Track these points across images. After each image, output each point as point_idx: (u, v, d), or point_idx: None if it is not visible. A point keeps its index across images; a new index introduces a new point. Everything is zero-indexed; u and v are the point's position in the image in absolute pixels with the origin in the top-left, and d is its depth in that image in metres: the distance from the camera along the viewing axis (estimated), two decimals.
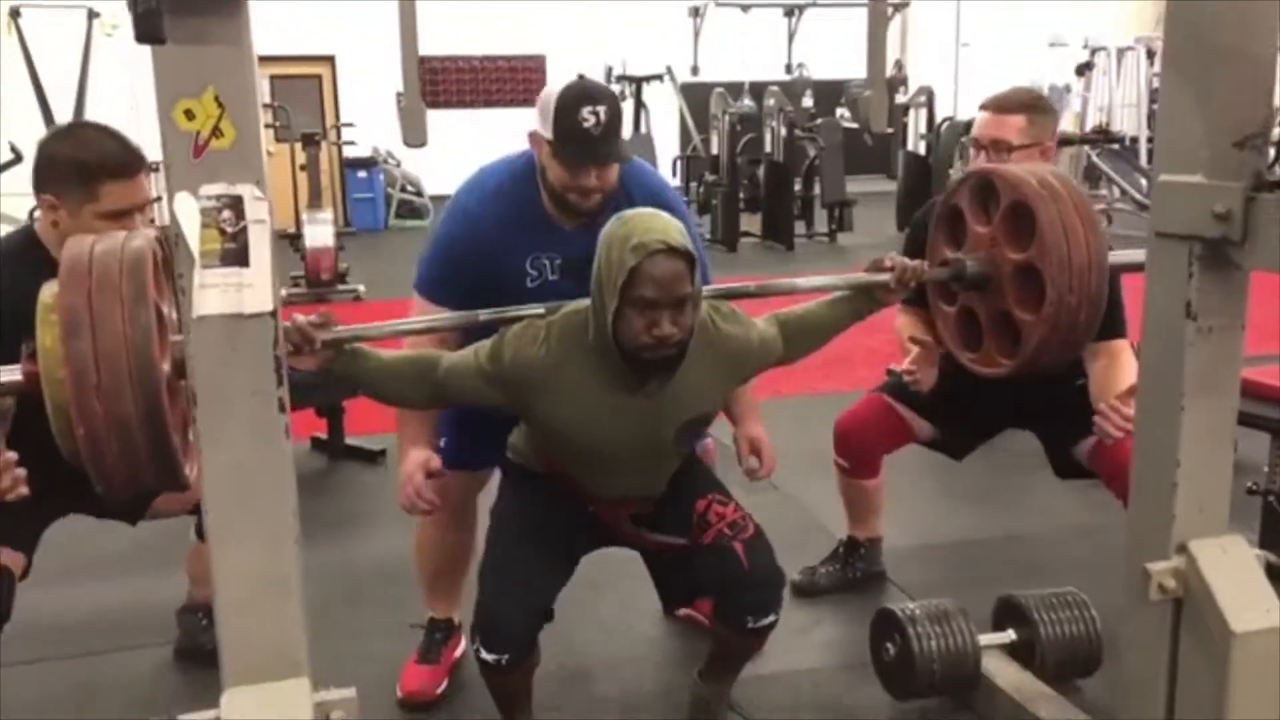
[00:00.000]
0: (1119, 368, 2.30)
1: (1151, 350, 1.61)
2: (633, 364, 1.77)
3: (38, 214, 2.05)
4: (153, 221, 2.08)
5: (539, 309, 1.89)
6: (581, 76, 2.05)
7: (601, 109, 1.99)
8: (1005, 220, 1.88)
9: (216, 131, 1.23)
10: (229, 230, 1.25)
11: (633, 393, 1.83)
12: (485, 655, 1.91)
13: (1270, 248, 1.41)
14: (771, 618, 2.01)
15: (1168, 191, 1.55)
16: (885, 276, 1.94)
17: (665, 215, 1.79)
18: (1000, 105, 2.46)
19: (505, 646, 1.90)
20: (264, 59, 1.30)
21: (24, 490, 1.60)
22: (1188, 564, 1.57)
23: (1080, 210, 1.80)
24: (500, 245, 2.13)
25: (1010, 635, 2.30)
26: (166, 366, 1.35)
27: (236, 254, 1.25)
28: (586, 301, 1.82)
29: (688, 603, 2.12)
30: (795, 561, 2.87)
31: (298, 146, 8.73)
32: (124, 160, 1.98)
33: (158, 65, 1.21)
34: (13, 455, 1.57)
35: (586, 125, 1.98)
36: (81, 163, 1.96)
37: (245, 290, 1.26)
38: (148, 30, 1.02)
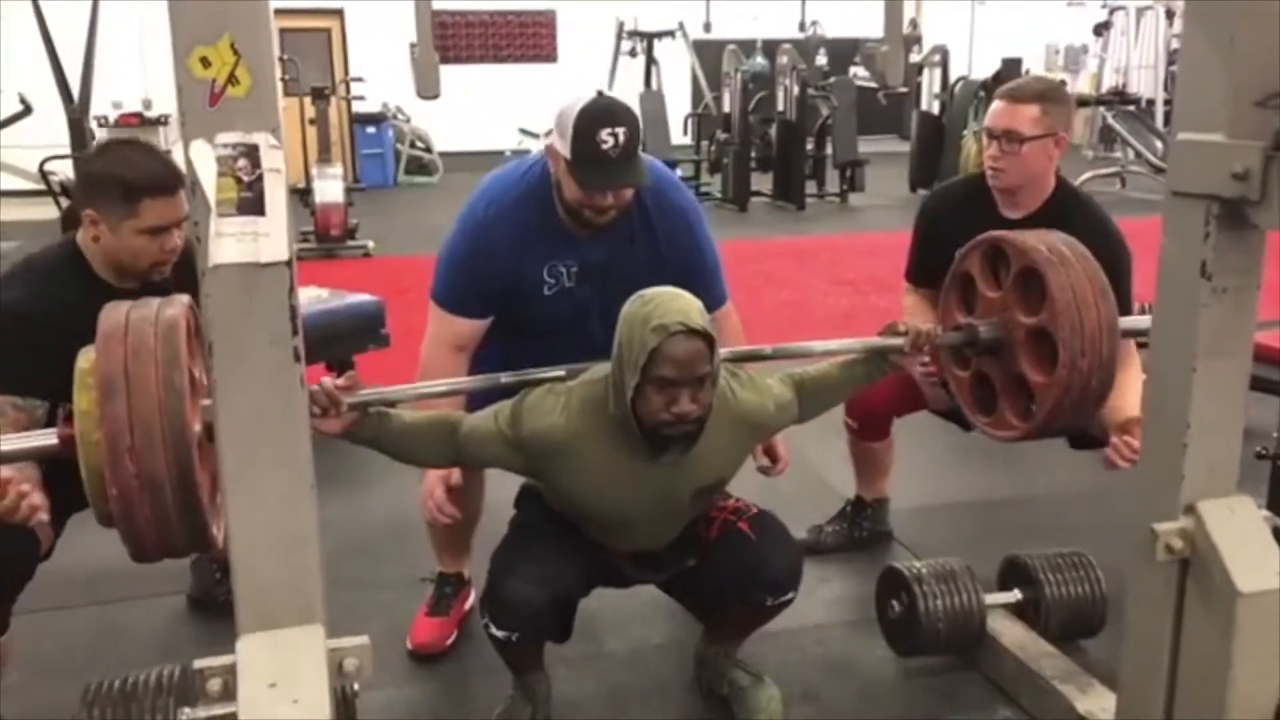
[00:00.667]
0: (1127, 378, 2.23)
1: (1165, 310, 1.61)
2: (651, 438, 1.80)
3: (71, 214, 2.11)
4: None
5: (559, 372, 1.91)
6: (601, 93, 2.02)
7: (621, 131, 1.96)
8: (1016, 286, 1.93)
9: (232, 79, 1.22)
10: (245, 179, 1.24)
11: (652, 463, 1.85)
12: (495, 631, 1.94)
13: None
14: (790, 594, 2.04)
15: (1186, 150, 1.54)
16: (899, 341, 1.97)
17: (685, 295, 1.79)
18: (1014, 95, 2.44)
19: (515, 623, 1.92)
20: (274, 12, 1.30)
21: (44, 517, 1.67)
22: (1195, 524, 1.57)
23: (1090, 277, 1.86)
24: (516, 255, 2.13)
25: (1015, 595, 2.32)
26: (198, 428, 1.39)
27: (253, 203, 1.25)
28: (606, 368, 1.84)
29: (721, 608, 2.15)
30: (802, 520, 2.88)
31: (307, 101, 8.68)
32: (164, 178, 2.03)
33: (174, 12, 1.21)
34: (26, 487, 1.62)
35: (605, 147, 1.95)
36: (122, 180, 2.01)
37: (261, 239, 1.26)
38: None
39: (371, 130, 11.87)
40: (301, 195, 7.95)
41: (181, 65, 1.22)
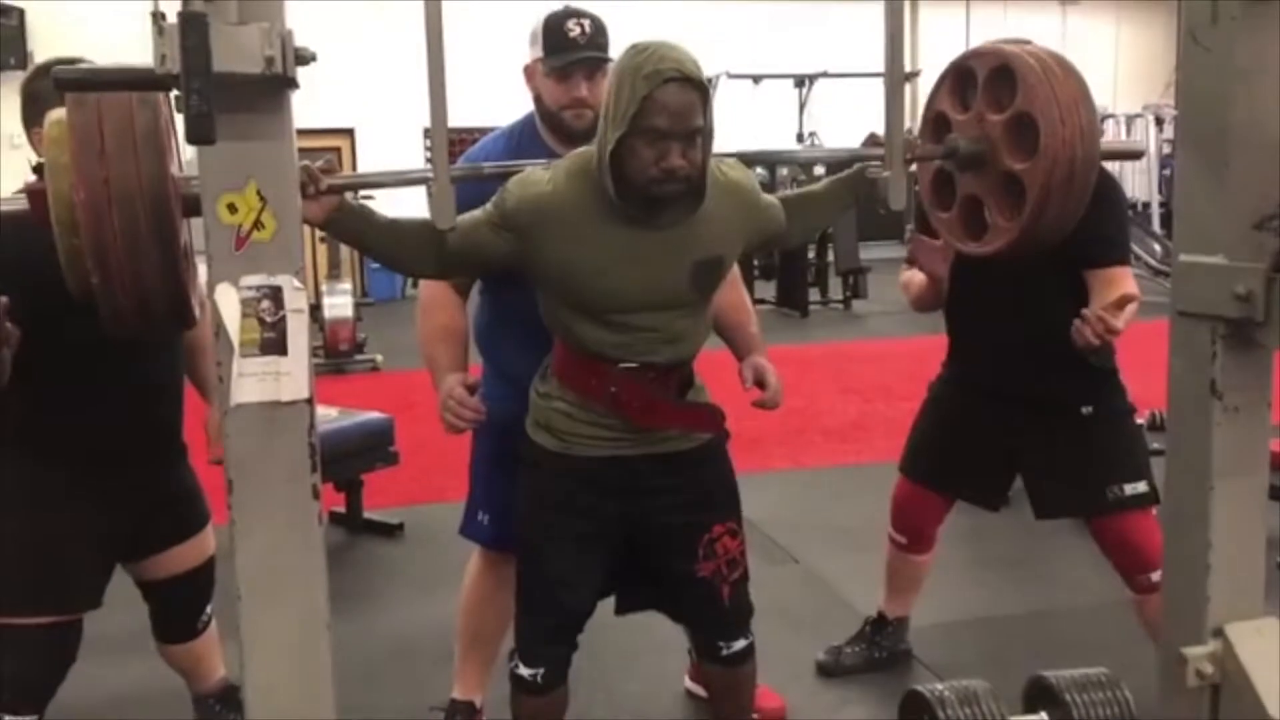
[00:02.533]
0: (1113, 290, 2.22)
1: (1178, 430, 1.61)
2: (636, 201, 1.73)
3: None
4: None
5: (544, 163, 1.88)
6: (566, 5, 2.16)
7: (586, 21, 2.09)
8: (987, 91, 1.93)
9: (258, 224, 1.26)
10: (268, 320, 1.27)
11: (643, 230, 1.78)
12: (523, 671, 1.95)
13: None
14: (742, 641, 2.04)
15: (1189, 272, 1.56)
16: (880, 150, 1.93)
17: (681, 46, 1.74)
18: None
19: (542, 659, 1.94)
20: None
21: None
22: (1224, 649, 1.55)
23: (1056, 59, 1.88)
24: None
25: (1042, 717, 2.25)
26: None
27: (275, 343, 1.28)
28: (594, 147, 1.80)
29: (640, 607, 2.11)
30: (817, 639, 2.84)
31: None
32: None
33: (203, 161, 1.25)
34: None
35: (573, 35, 2.08)
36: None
37: (283, 378, 1.28)
38: (199, 132, 1.05)
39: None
40: (311, 311, 8.03)
41: (209, 212, 1.26)
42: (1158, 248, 9.99)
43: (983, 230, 2.01)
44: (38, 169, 1.37)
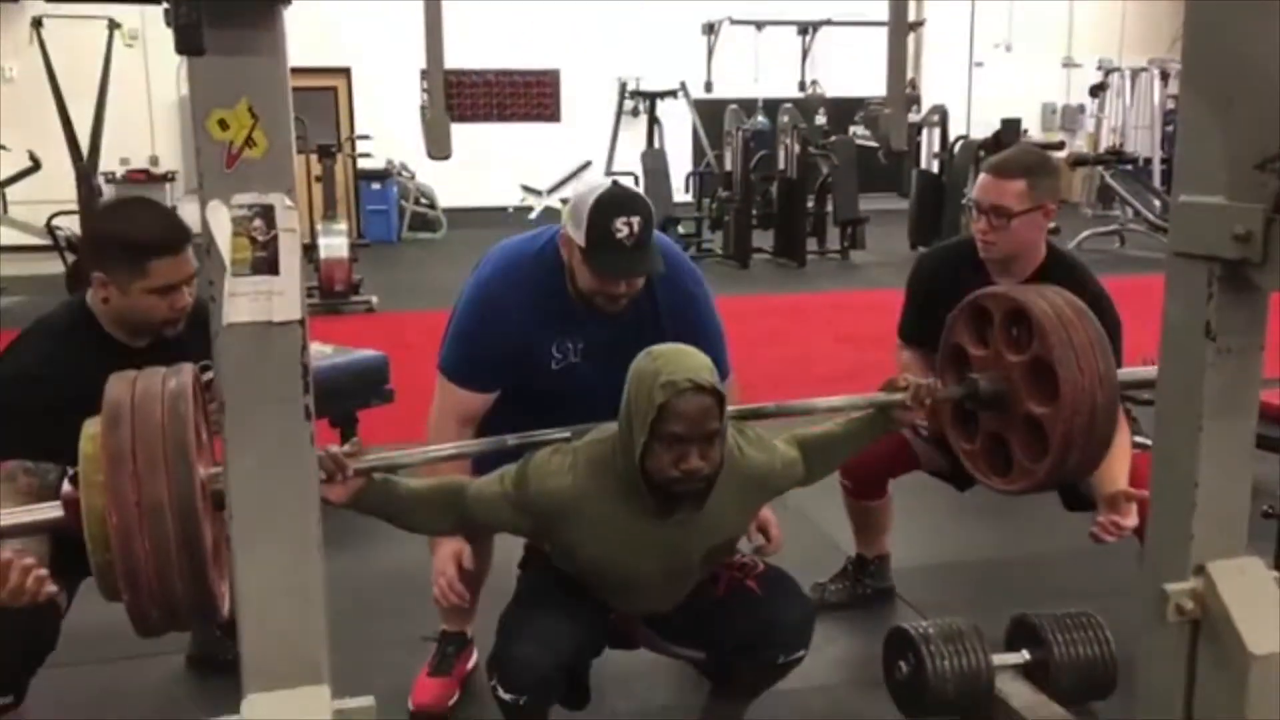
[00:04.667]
0: (1116, 445, 2.18)
1: (1170, 371, 1.62)
2: (659, 497, 1.79)
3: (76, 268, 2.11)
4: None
5: (565, 433, 1.91)
6: (616, 183, 2.04)
7: (635, 220, 1.98)
8: (1003, 331, 1.96)
9: (249, 141, 1.25)
10: (260, 239, 1.26)
11: (661, 522, 1.84)
12: (503, 694, 1.91)
13: None
14: (800, 652, 2.03)
15: (1187, 212, 1.56)
16: (900, 396, 1.97)
17: (695, 352, 1.79)
18: (1000, 170, 2.47)
19: (524, 686, 1.89)
20: None
21: (52, 589, 1.66)
22: (1206, 585, 1.57)
23: (1068, 301, 1.92)
24: (525, 331, 2.15)
25: (1024, 656, 2.29)
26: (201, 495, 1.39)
27: (267, 262, 1.27)
28: (613, 428, 1.84)
29: (730, 669, 2.13)
30: (808, 579, 2.86)
31: (313, 158, 8.79)
32: (171, 238, 2.03)
33: (193, 76, 1.23)
34: (32, 560, 1.61)
35: (619, 236, 1.97)
36: (130, 241, 2.01)
37: (275, 298, 1.27)
38: (188, 42, 1.04)
39: (376, 187, 11.99)
40: (306, 251, 8.02)
41: (200, 127, 1.25)
42: (1157, 203, 9.94)
43: (1008, 467, 2.03)
44: (73, 479, 1.40)
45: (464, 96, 12.80)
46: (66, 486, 1.45)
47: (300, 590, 1.39)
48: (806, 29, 11.99)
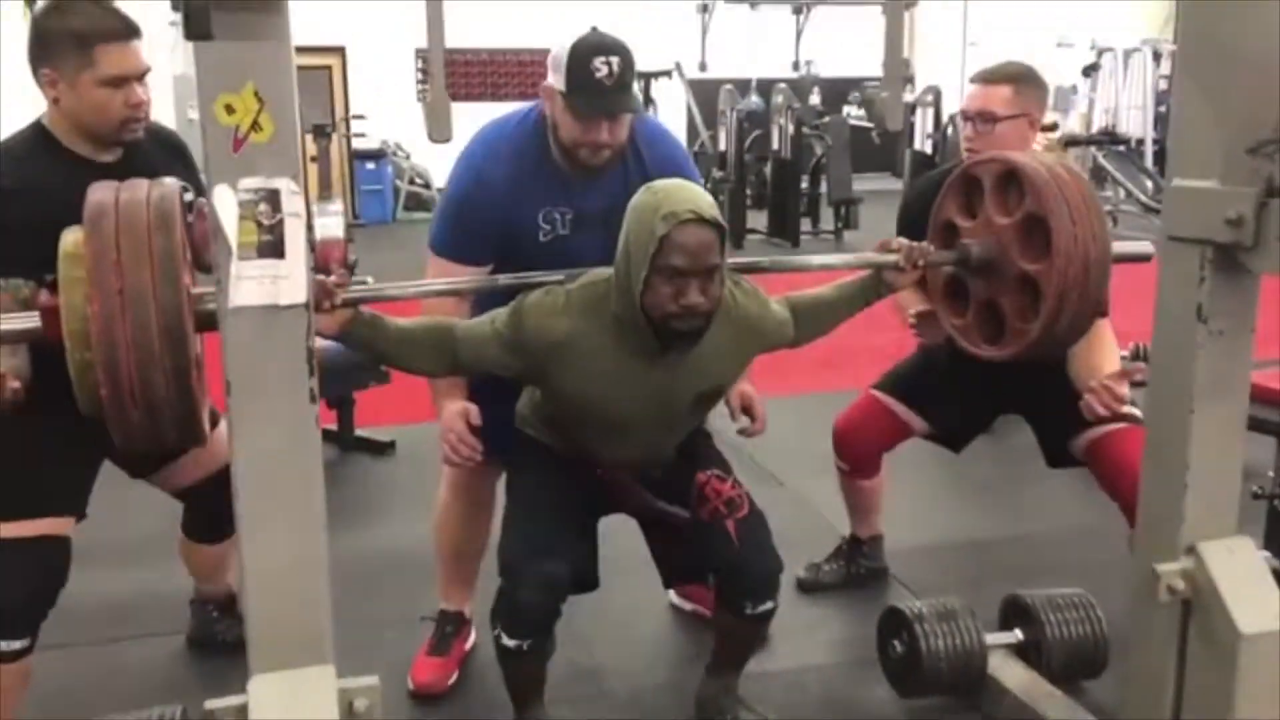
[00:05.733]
0: (1100, 345, 2.27)
1: (1162, 352, 1.64)
2: (659, 333, 1.79)
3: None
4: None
5: (559, 276, 1.90)
6: (594, 28, 2.06)
7: (615, 60, 1.99)
8: (995, 195, 1.95)
9: (255, 126, 1.26)
10: (266, 223, 1.27)
11: (652, 363, 1.84)
12: (507, 641, 1.92)
13: None
14: (769, 604, 2.03)
15: (1180, 196, 1.58)
16: (894, 256, 1.97)
17: (694, 186, 1.79)
18: (987, 77, 2.50)
19: (528, 631, 1.91)
20: None
21: (15, 385, 1.60)
22: (1196, 565, 1.59)
23: (1061, 164, 1.90)
24: (512, 202, 2.13)
25: (1017, 635, 2.32)
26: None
27: (273, 246, 1.28)
28: (607, 271, 1.84)
29: (686, 580, 2.13)
30: (803, 559, 2.89)
31: (308, 138, 8.74)
32: (117, 25, 1.96)
33: (200, 61, 1.24)
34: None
35: (599, 75, 1.97)
36: (75, 30, 1.92)
37: (281, 282, 1.28)
38: (197, 27, 1.04)
39: (371, 167, 11.93)
40: None
41: (207, 111, 1.25)
42: (1149, 184, 9.96)
43: (999, 334, 2.01)
44: (51, 285, 1.36)
45: (458, 76, 12.72)
46: (44, 295, 1.41)
47: (306, 571, 1.41)
48: (800, 8, 11.95)
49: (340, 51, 12.62)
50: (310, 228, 5.59)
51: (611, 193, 2.10)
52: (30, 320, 1.43)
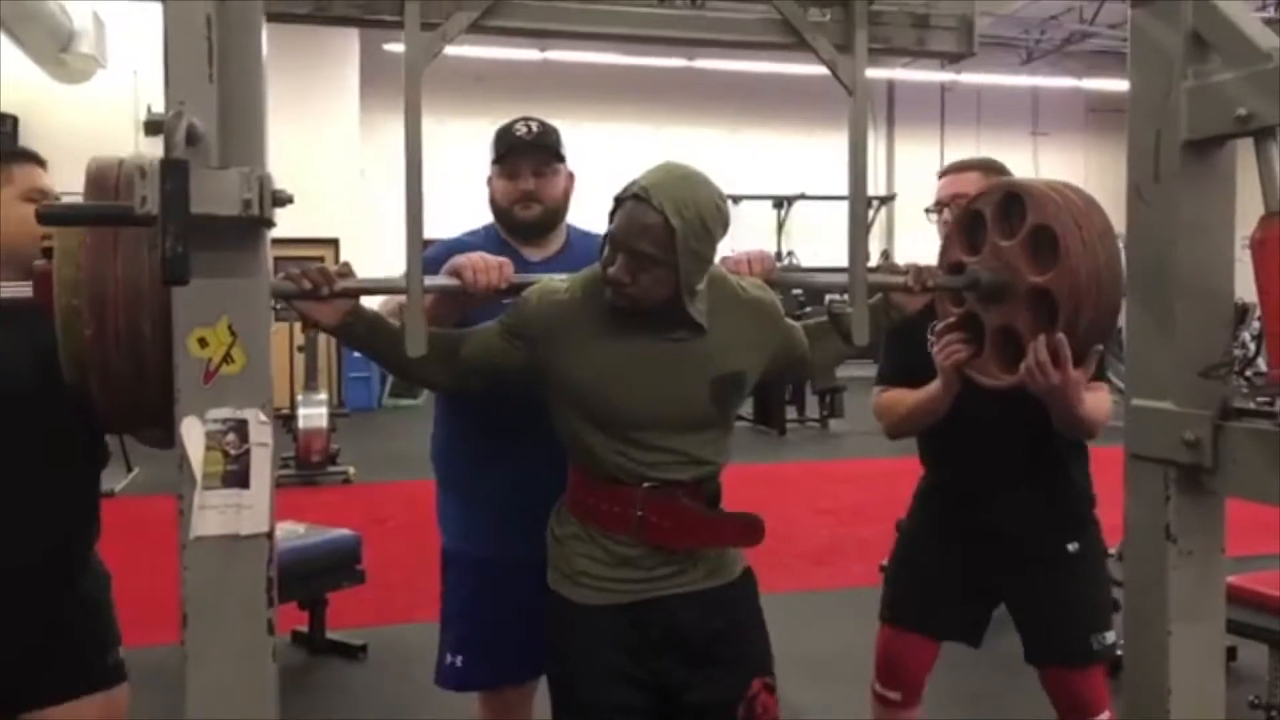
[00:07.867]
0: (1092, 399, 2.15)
1: (1135, 574, 1.63)
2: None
3: None
4: None
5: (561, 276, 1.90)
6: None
7: (534, 123, 2.18)
8: (997, 222, 1.98)
9: (228, 358, 1.28)
10: (232, 453, 1.28)
11: (654, 339, 1.77)
12: None
13: (1241, 475, 1.45)
14: None
15: (1141, 416, 1.60)
16: (901, 279, 1.95)
17: (696, 184, 1.71)
18: (955, 167, 2.57)
19: None
20: (271, 242, 1.37)
21: None
22: None
23: (1058, 181, 1.95)
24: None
25: None
26: None
27: (238, 476, 1.28)
28: None
29: None
30: None
31: (297, 327, 8.89)
32: (25, 152, 1.97)
33: (176, 297, 1.28)
34: None
35: (520, 133, 2.16)
36: None
37: (244, 511, 1.28)
38: (174, 272, 1.08)
39: (359, 354, 12.11)
40: (285, 421, 8.03)
41: (180, 345, 1.28)
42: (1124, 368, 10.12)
43: (1016, 358, 1.98)
44: (46, 251, 1.39)
45: None
46: (41, 262, 1.40)
47: None
48: (782, 202, 12.48)
49: (334, 243, 13.04)
50: (294, 418, 5.60)
51: (567, 270, 2.03)
52: (22, 289, 1.46)
